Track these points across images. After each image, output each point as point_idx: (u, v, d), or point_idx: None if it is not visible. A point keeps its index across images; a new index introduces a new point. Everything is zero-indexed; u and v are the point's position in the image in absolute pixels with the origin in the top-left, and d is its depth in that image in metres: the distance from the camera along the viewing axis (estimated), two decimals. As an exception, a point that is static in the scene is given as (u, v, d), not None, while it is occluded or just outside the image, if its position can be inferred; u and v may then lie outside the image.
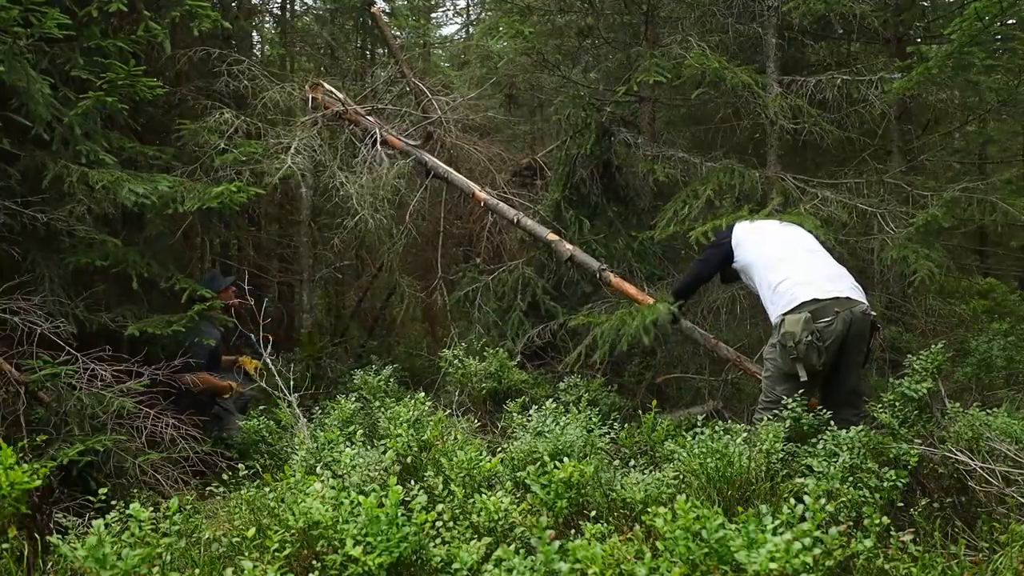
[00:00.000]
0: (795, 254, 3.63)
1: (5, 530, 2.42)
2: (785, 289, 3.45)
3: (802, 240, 3.78)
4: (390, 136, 5.76)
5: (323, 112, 5.77)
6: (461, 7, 13.03)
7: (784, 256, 3.62)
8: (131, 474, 3.41)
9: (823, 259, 3.65)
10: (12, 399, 3.27)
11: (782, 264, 3.57)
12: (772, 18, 5.25)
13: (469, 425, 4.01)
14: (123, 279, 4.32)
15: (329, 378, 5.93)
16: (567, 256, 5.12)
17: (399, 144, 5.74)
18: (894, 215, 4.79)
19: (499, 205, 5.38)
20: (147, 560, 2.11)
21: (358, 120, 5.76)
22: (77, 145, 3.82)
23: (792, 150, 5.76)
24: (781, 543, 1.91)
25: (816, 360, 3.29)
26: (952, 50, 4.15)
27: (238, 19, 6.50)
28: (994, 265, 10.36)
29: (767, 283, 3.57)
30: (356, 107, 5.82)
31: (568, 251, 5.10)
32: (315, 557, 2.26)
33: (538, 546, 2.02)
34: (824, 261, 3.64)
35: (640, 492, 2.67)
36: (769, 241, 3.77)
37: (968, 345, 5.37)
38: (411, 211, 5.70)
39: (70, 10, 3.87)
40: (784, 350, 3.35)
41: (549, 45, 6.39)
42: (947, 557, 2.42)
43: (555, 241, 5.19)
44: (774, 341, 3.46)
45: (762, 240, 3.79)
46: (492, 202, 5.42)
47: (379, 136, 5.69)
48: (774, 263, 3.61)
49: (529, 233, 5.38)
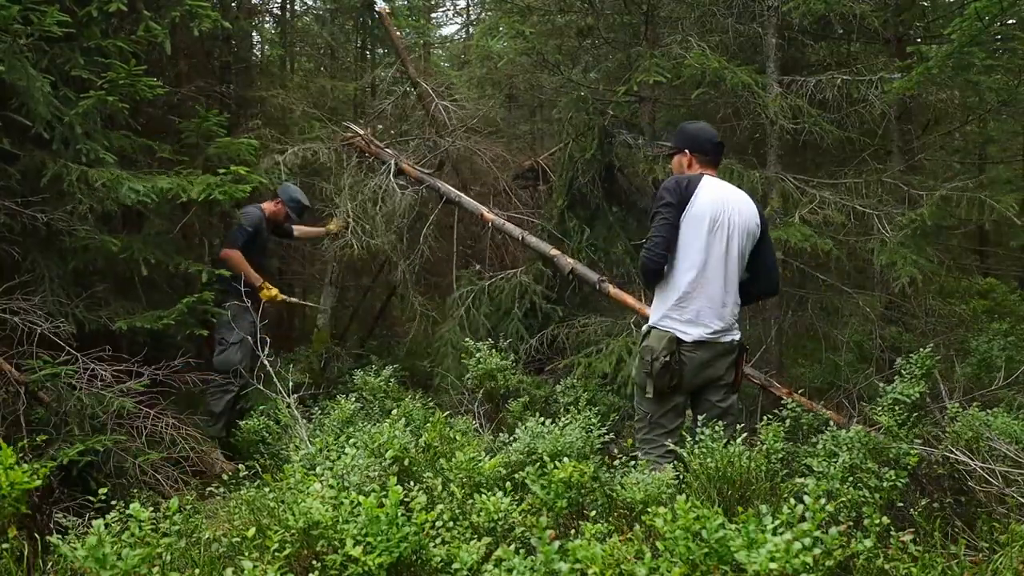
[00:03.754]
0: (713, 279, 3.19)
1: (5, 530, 2.42)
2: (674, 314, 3.19)
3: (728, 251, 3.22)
4: (406, 165, 6.16)
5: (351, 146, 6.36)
6: (461, 7, 13.04)
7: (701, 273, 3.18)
8: (131, 474, 3.41)
9: (731, 287, 3.25)
10: (12, 399, 3.27)
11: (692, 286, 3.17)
12: (772, 18, 5.25)
13: (469, 425, 4.01)
14: (123, 279, 4.33)
15: (328, 378, 5.93)
16: (568, 270, 5.23)
17: (415, 173, 6.12)
18: (891, 216, 4.79)
19: (505, 225, 5.60)
20: (147, 560, 2.11)
21: (378, 154, 6.26)
22: (77, 144, 3.82)
23: (792, 150, 5.76)
24: (781, 543, 1.91)
25: (667, 382, 3.13)
26: (952, 50, 4.15)
27: (238, 19, 6.51)
28: (994, 265, 10.37)
29: (672, 286, 3.23)
30: (376, 142, 6.35)
31: (569, 265, 5.21)
32: (315, 557, 2.26)
33: (538, 546, 2.02)
34: (730, 293, 3.24)
35: (640, 492, 2.67)
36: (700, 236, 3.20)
37: (968, 345, 5.38)
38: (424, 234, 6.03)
39: (70, 9, 3.87)
40: (641, 361, 3.22)
41: (549, 45, 6.39)
42: (947, 557, 2.42)
43: (557, 256, 5.32)
44: (638, 350, 3.30)
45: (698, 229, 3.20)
46: (499, 222, 5.65)
47: (394, 167, 6.11)
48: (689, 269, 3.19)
49: (533, 249, 5.56)
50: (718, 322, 3.19)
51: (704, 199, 3.19)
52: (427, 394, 5.07)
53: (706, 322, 3.17)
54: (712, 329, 3.18)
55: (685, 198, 3.18)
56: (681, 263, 3.20)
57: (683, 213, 3.17)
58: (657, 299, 3.30)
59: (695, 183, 3.22)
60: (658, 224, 3.18)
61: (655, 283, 3.28)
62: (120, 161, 4.09)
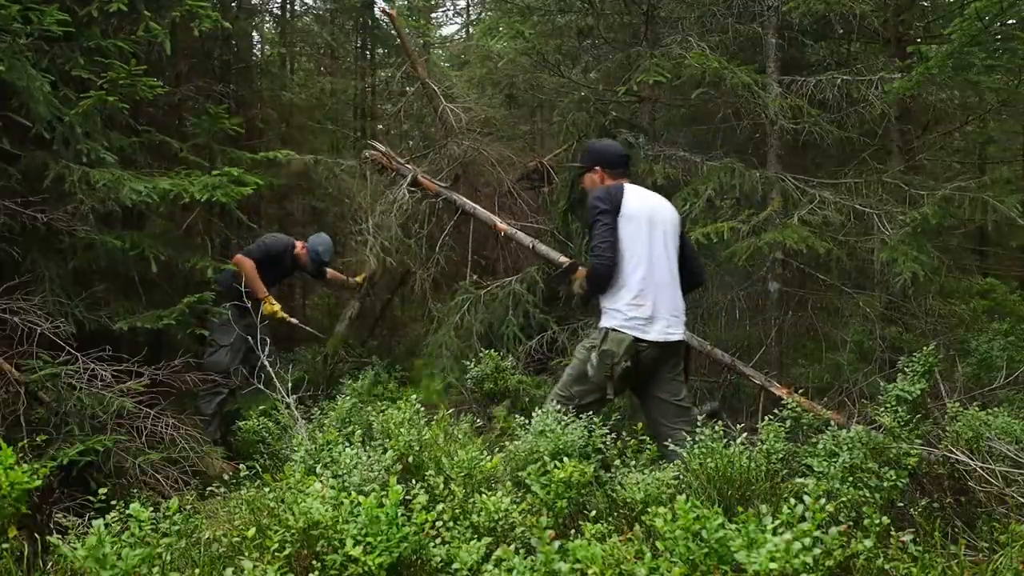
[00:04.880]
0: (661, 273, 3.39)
1: (5, 530, 2.42)
2: (632, 313, 3.31)
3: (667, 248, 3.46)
4: (424, 179, 6.28)
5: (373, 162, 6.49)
6: (461, 7, 13.06)
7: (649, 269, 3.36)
8: (131, 474, 3.40)
9: (675, 284, 3.47)
10: (12, 399, 3.27)
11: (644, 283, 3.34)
12: (772, 18, 5.25)
13: (469, 425, 4.01)
14: (123, 278, 4.33)
15: (329, 378, 5.94)
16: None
17: (433, 187, 6.23)
18: (891, 216, 4.79)
19: (517, 234, 5.68)
20: (147, 560, 2.11)
21: (399, 169, 6.40)
22: (78, 144, 3.82)
23: (792, 150, 5.76)
24: (781, 543, 1.91)
25: (624, 384, 3.35)
26: (952, 50, 4.14)
27: (238, 19, 6.51)
28: (994, 265, 10.37)
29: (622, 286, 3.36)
30: (397, 158, 6.49)
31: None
32: (315, 557, 2.26)
33: (538, 546, 2.02)
34: (676, 287, 3.46)
35: (640, 492, 2.67)
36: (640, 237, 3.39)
37: (968, 345, 5.38)
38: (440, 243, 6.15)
39: (70, 9, 3.87)
40: (601, 364, 3.29)
41: (549, 45, 6.40)
42: (947, 557, 2.41)
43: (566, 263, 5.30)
44: (591, 347, 3.36)
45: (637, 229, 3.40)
46: (511, 232, 5.73)
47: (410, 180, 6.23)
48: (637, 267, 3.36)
49: (544, 258, 5.60)
50: (673, 314, 3.40)
51: (633, 202, 3.42)
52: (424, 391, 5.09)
53: (664, 315, 3.36)
54: (669, 323, 3.37)
55: (617, 203, 3.39)
56: (628, 263, 3.36)
57: (618, 217, 3.37)
58: (610, 302, 3.41)
59: (620, 190, 3.44)
60: (600, 231, 3.36)
61: (606, 287, 3.41)
62: (120, 161, 4.10)
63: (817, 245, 4.59)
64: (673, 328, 3.39)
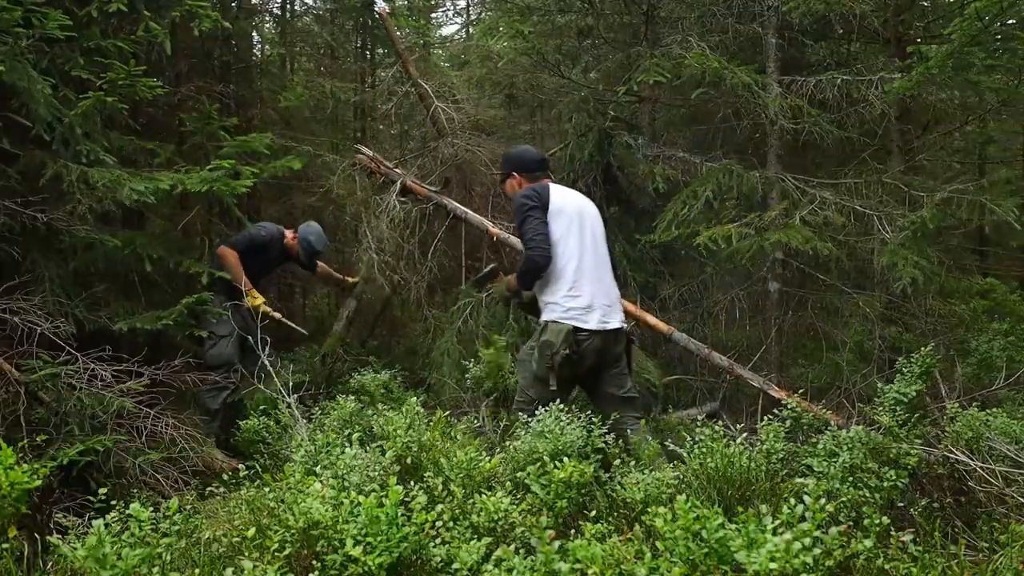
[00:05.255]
0: (593, 263, 3.52)
1: (5, 530, 2.42)
2: (569, 304, 3.42)
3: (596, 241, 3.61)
4: (414, 184, 6.25)
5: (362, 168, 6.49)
6: (461, 7, 13.06)
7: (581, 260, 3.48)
8: (131, 474, 3.40)
9: (607, 274, 3.62)
10: (12, 399, 3.27)
11: (578, 273, 3.46)
12: (772, 18, 5.25)
13: (469, 425, 4.01)
14: (123, 279, 4.34)
15: (329, 378, 5.92)
16: None
17: (423, 192, 6.20)
18: (891, 217, 4.79)
19: (509, 238, 5.68)
20: (147, 560, 2.11)
21: (387, 174, 6.38)
22: (77, 145, 3.82)
23: (792, 150, 5.76)
24: (781, 543, 1.91)
25: (568, 372, 3.38)
26: (952, 50, 4.15)
27: (238, 19, 6.50)
28: (994, 265, 10.37)
29: (558, 278, 3.47)
30: (385, 163, 6.47)
31: None
32: (315, 557, 2.26)
33: (538, 546, 2.02)
34: (609, 277, 3.62)
35: (640, 492, 2.67)
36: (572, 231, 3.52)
37: (968, 345, 5.38)
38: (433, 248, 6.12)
39: (70, 10, 3.88)
40: (542, 357, 3.37)
41: (549, 45, 6.40)
42: (947, 557, 2.41)
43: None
44: (534, 344, 3.47)
45: (567, 223, 3.53)
46: (503, 236, 5.73)
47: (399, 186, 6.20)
48: (570, 258, 3.47)
49: None
50: (607, 304, 3.50)
51: (559, 198, 3.55)
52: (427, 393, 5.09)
53: (600, 304, 3.46)
54: (605, 312, 3.46)
55: (545, 200, 3.51)
56: (561, 256, 3.47)
57: (547, 213, 3.48)
58: (546, 295, 3.51)
59: (546, 188, 3.57)
60: (532, 226, 3.46)
61: (537, 280, 3.51)
62: (120, 161, 4.10)
63: (820, 246, 4.59)
64: (609, 316, 3.48)
